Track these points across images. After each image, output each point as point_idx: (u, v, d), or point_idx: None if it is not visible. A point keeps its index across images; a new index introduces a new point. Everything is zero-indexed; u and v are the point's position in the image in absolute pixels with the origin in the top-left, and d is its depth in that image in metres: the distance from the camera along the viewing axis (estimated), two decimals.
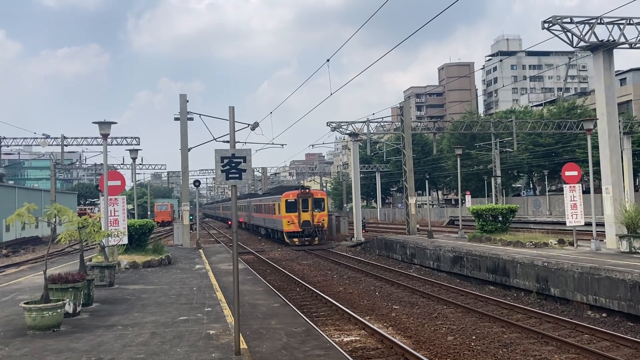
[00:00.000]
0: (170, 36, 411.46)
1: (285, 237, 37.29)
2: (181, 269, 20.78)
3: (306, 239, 37.05)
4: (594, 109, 25.01)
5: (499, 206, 25.77)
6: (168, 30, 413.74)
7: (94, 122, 17.22)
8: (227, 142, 15.11)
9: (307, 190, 38.43)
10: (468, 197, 46.55)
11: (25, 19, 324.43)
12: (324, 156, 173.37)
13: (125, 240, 19.29)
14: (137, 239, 22.77)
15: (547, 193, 63.29)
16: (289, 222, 36.87)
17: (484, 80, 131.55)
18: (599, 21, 19.89)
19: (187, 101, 32.34)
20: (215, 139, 31.29)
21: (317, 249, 34.69)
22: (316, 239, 37.22)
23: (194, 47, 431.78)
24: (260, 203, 48.99)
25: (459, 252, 21.53)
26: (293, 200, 37.31)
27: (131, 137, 48.40)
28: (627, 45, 20.54)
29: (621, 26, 20.23)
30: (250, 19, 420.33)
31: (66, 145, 49.13)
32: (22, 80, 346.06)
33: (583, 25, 19.81)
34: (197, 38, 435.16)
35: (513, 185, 77.40)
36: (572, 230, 21.51)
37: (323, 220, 37.67)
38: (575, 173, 21.31)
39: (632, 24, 20.41)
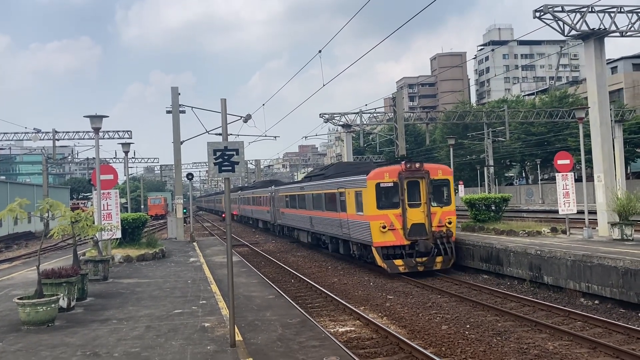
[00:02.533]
0: (159, 28, 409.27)
1: (376, 256, 19.45)
2: (175, 262, 20.76)
3: (419, 260, 19.30)
4: (586, 98, 25.10)
5: (492, 195, 25.85)
6: (157, 22, 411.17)
7: (85, 116, 17.12)
8: (220, 134, 15.07)
9: (418, 166, 20.04)
10: (461, 187, 46.75)
11: (13, 11, 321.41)
12: (317, 148, 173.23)
13: (118, 234, 19.25)
14: (131, 232, 22.73)
15: (539, 182, 63.61)
16: (383, 227, 19.14)
17: (476, 70, 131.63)
18: (590, 9, 19.90)
19: (179, 94, 32.21)
20: (207, 132, 31.19)
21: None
22: (439, 259, 19.46)
23: (184, 39, 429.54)
24: (294, 193, 31.75)
25: None
26: (390, 184, 19.64)
27: (123, 131, 48.12)
28: (618, 34, 20.58)
29: (612, 14, 20.25)
30: (239, 10, 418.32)
31: (58, 140, 48.76)
32: (12, 74, 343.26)
33: (574, 13, 19.82)
34: (187, 30, 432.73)
35: (506, 175, 77.67)
36: (564, 218, 21.62)
37: (449, 223, 19.82)
38: (567, 162, 21.41)
39: (623, 12, 20.43)
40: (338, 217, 22.88)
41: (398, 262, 19.16)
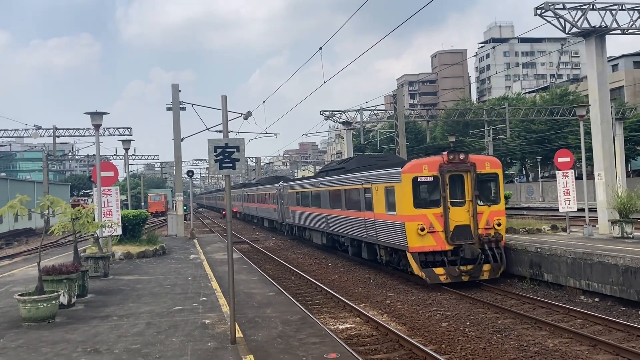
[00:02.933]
0: (160, 25, 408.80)
1: (412, 263, 16.66)
2: (176, 259, 20.78)
3: (464, 268, 16.56)
4: (587, 96, 25.08)
5: None
6: (158, 20, 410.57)
7: (85, 113, 17.13)
8: (220, 131, 15.07)
9: (463, 157, 17.17)
10: None
11: (14, 8, 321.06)
12: (317, 145, 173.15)
13: (119, 231, 19.27)
14: (131, 229, 22.75)
15: (540, 179, 63.61)
16: (421, 230, 16.40)
17: (477, 67, 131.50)
18: (591, 7, 19.87)
19: (180, 91, 32.19)
20: (208, 129, 31.17)
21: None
22: (486, 267, 16.64)
23: (185, 36, 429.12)
24: (306, 190, 28.76)
25: None
26: (430, 178, 16.85)
27: (123, 128, 48.15)
28: (619, 31, 20.56)
29: (613, 12, 20.22)
30: (240, 7, 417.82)
31: (58, 137, 48.78)
32: (12, 70, 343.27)
33: (575, 11, 19.79)
34: (187, 27, 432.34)
35: (506, 172, 77.64)
36: (564, 216, 21.62)
37: (498, 224, 17.03)
38: (567, 159, 21.40)
39: (624, 10, 20.40)
40: (362, 216, 20.03)
41: (439, 270, 16.34)
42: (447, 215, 16.60)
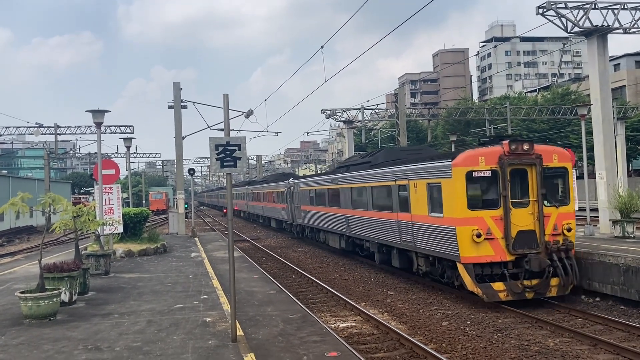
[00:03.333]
0: (161, 23, 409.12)
1: (465, 277, 13.87)
2: (177, 257, 20.81)
3: (527, 283, 13.83)
4: (588, 95, 25.04)
5: None
6: (159, 18, 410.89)
7: (87, 111, 17.14)
8: (222, 130, 15.09)
9: (527, 147, 14.36)
10: None
11: (15, 6, 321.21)
12: (318, 144, 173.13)
13: (120, 229, 19.30)
14: (132, 227, 22.77)
15: None
16: (477, 236, 13.63)
17: (478, 66, 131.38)
18: (593, 6, 19.85)
19: (181, 89, 32.21)
20: (209, 127, 31.22)
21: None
22: (554, 281, 13.91)
23: (186, 34, 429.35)
24: (322, 187, 26.24)
25: None
26: (487, 172, 14.08)
27: (125, 126, 48.20)
28: (621, 31, 20.53)
29: (615, 11, 20.19)
30: (241, 5, 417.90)
31: (59, 134, 48.91)
32: (14, 68, 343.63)
33: (577, 10, 19.77)
34: (188, 25, 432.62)
35: None
36: None
37: (568, 230, 14.37)
38: None
39: (626, 9, 20.38)
40: (395, 218, 17.30)
41: (498, 286, 13.52)
42: (508, 218, 13.73)
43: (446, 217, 14.25)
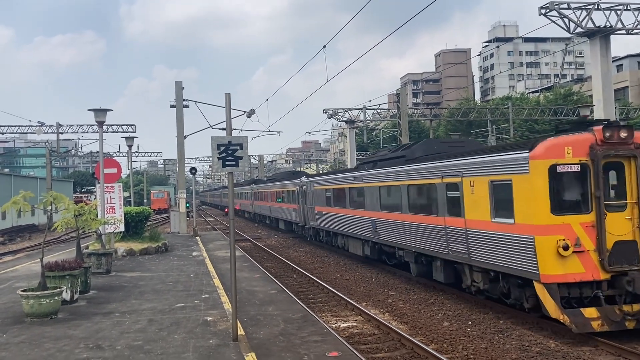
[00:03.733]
0: (163, 23, 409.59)
1: (547, 301, 10.67)
2: (178, 256, 20.82)
3: (627, 309, 10.55)
4: (591, 96, 25.03)
5: None
6: (161, 17, 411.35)
7: (89, 110, 17.18)
8: (224, 129, 15.11)
9: (625, 135, 10.94)
10: None
11: (17, 5, 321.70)
12: (320, 143, 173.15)
13: (121, 228, 19.32)
14: (134, 226, 22.80)
15: None
16: (564, 248, 10.45)
17: (481, 66, 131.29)
18: (596, 7, 19.85)
19: (183, 88, 32.24)
20: (211, 126, 31.23)
21: None
22: None
23: (188, 33, 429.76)
24: (342, 186, 23.15)
25: None
26: (576, 167, 10.81)
27: (127, 125, 48.32)
28: (624, 31, 20.54)
29: (618, 12, 20.19)
30: (243, 5, 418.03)
31: (61, 133, 48.94)
32: (16, 67, 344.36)
33: (580, 11, 19.78)
34: (191, 24, 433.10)
35: None
36: None
37: None
38: None
39: (629, 10, 20.38)
40: (442, 223, 14.33)
41: (590, 312, 10.52)
42: (602, 225, 10.75)
43: (519, 224, 11.30)
